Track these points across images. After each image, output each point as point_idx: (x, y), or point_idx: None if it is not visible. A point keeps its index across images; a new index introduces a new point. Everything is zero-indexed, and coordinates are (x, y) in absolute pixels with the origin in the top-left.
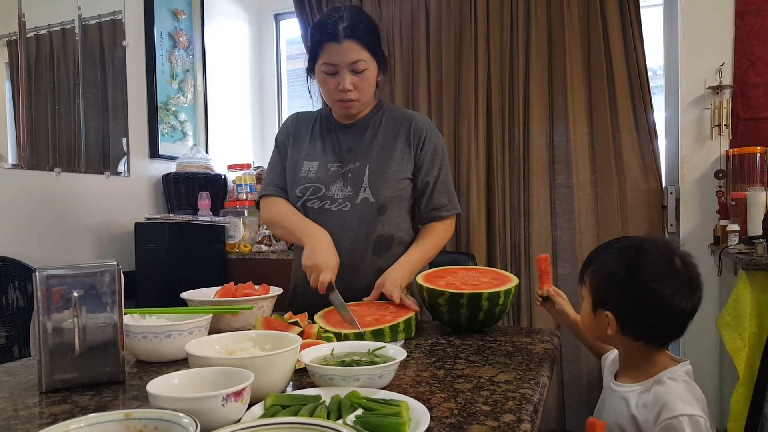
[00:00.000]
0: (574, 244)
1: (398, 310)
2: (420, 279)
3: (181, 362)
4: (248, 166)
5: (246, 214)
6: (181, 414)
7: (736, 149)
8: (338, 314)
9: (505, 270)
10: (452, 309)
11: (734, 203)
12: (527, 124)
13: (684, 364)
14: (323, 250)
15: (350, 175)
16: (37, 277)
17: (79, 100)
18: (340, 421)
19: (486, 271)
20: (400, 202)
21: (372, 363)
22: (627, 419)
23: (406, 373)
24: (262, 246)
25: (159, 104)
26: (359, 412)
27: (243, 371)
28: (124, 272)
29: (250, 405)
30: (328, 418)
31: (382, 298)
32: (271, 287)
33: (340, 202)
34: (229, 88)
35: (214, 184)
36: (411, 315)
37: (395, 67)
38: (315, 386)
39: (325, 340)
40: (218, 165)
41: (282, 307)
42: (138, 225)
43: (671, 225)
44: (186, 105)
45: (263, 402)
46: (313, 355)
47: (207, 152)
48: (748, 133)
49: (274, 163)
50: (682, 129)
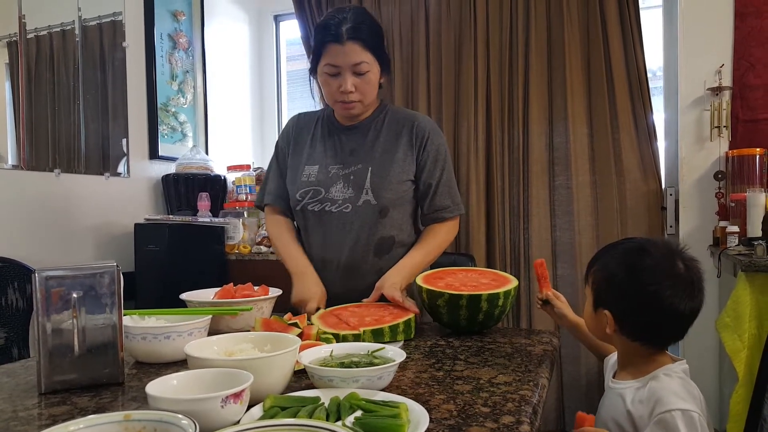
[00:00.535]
0: (574, 246)
1: (398, 311)
2: (419, 280)
3: (181, 363)
4: (248, 167)
5: (245, 216)
6: (180, 415)
7: (735, 151)
8: (335, 315)
9: (505, 271)
10: (451, 310)
11: (734, 205)
12: (527, 125)
13: (681, 363)
14: (305, 285)
15: (352, 177)
16: (37, 278)
17: (79, 101)
18: (339, 423)
19: (485, 273)
20: (402, 204)
21: (371, 364)
22: (623, 415)
23: (406, 375)
24: (261, 247)
25: (159, 105)
26: (358, 413)
27: (242, 372)
28: (123, 273)
29: (250, 406)
30: (327, 419)
31: (382, 299)
32: (270, 288)
33: (341, 204)
34: (228, 90)
35: (214, 185)
36: (411, 316)
37: (395, 68)
38: (314, 387)
39: (324, 341)
40: (218, 166)
41: (282, 308)
42: (137, 226)
43: (671, 226)
44: (186, 106)
45: (262, 403)
46: (313, 356)
47: (207, 153)
48: (747, 135)
49: (273, 170)
50: (682, 130)
